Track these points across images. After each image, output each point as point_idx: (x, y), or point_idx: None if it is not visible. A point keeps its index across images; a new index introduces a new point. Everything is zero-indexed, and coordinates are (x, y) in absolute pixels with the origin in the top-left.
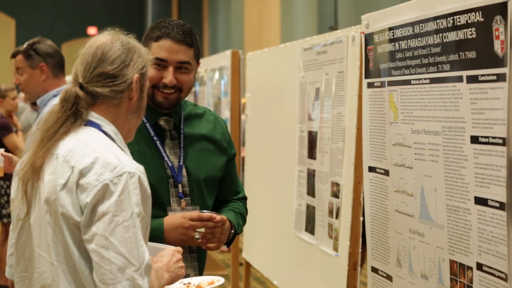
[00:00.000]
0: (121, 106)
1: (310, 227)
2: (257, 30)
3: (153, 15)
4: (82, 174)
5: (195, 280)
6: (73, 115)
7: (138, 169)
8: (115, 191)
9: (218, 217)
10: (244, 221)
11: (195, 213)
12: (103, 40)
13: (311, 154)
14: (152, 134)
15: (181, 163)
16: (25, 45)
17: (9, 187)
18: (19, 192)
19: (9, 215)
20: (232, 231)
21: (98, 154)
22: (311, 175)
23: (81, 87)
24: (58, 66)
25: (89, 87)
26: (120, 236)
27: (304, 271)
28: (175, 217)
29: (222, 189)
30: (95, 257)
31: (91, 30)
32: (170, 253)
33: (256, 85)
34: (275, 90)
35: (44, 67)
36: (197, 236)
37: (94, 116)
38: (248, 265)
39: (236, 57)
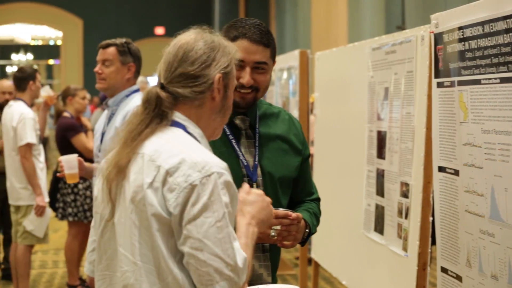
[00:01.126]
0: (203, 107)
1: (379, 227)
2: (324, 29)
3: (221, 15)
4: (168, 173)
5: (270, 287)
6: (157, 116)
7: (225, 168)
8: (205, 193)
9: (293, 214)
10: (318, 221)
11: None
12: (186, 39)
13: (380, 154)
14: (228, 133)
15: (256, 162)
16: (121, 41)
17: (88, 187)
18: (104, 191)
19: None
20: (307, 230)
21: (185, 155)
22: (380, 175)
23: (162, 87)
24: (139, 71)
25: (170, 88)
26: (213, 237)
27: (373, 271)
28: None
29: (296, 190)
30: (190, 260)
31: (159, 30)
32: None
33: (324, 84)
34: (344, 89)
35: (132, 67)
36: (273, 234)
37: (180, 117)
38: (316, 264)
39: (305, 56)
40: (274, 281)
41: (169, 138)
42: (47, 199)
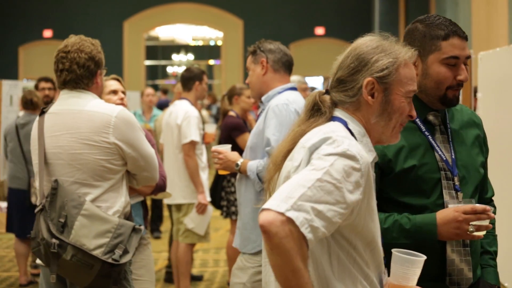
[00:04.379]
0: (360, 110)
1: None
2: (485, 29)
3: (380, 15)
4: (310, 151)
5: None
6: (314, 116)
7: (365, 159)
8: (325, 159)
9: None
10: (496, 239)
11: (468, 206)
12: (352, 45)
13: None
14: (423, 129)
15: (453, 157)
16: (254, 45)
17: None
18: (266, 188)
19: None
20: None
21: (329, 135)
22: None
23: (327, 92)
24: (279, 62)
25: (331, 92)
26: (300, 176)
27: None
28: (448, 212)
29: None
30: None
31: (319, 30)
32: None
33: (488, 85)
34: (508, 89)
35: (263, 62)
36: (471, 229)
37: (343, 115)
38: None
39: None
40: (476, 277)
41: (323, 128)
42: (208, 198)
